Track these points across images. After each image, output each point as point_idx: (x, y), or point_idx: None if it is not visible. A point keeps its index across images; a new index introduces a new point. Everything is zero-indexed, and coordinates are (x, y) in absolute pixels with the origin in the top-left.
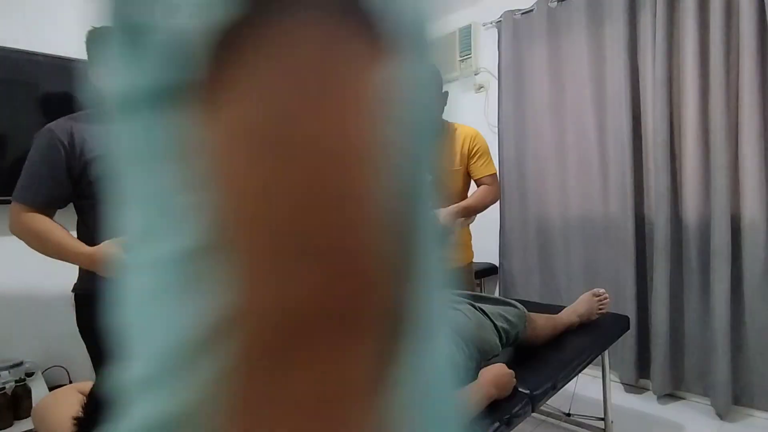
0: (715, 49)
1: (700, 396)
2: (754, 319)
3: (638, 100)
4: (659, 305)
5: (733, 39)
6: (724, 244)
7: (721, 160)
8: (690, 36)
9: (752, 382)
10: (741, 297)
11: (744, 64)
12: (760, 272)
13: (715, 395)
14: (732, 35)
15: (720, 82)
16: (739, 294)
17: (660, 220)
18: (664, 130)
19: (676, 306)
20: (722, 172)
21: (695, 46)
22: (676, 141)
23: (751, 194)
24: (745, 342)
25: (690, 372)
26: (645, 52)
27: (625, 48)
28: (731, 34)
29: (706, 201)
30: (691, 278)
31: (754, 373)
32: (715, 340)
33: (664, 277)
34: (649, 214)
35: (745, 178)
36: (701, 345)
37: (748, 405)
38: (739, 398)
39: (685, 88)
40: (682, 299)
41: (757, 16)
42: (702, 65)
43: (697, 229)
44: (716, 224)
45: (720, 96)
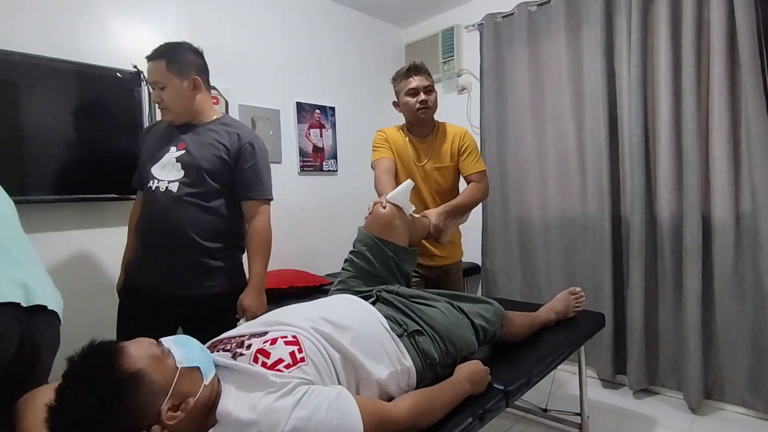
0: (686, 54)
1: (673, 390)
2: (724, 315)
3: (615, 103)
4: (635, 303)
5: (704, 44)
6: (695, 243)
7: (692, 161)
8: (663, 40)
9: (722, 377)
10: (712, 294)
11: (714, 68)
12: (729, 270)
13: (688, 390)
14: (703, 40)
15: (691, 85)
16: (709, 291)
17: (635, 220)
18: (639, 132)
19: (651, 303)
20: (694, 173)
21: (668, 50)
22: (651, 143)
23: (721, 194)
24: (715, 338)
25: (664, 367)
26: (621, 55)
27: (602, 51)
28: (702, 40)
29: (678, 201)
30: (665, 276)
31: (724, 368)
32: (687, 336)
33: (640, 276)
34: (625, 214)
35: (716, 178)
36: (674, 341)
37: (718, 399)
38: (710, 392)
39: (659, 91)
40: (657, 297)
41: (726, 22)
42: (674, 69)
43: (671, 228)
44: (688, 224)
45: (691, 99)
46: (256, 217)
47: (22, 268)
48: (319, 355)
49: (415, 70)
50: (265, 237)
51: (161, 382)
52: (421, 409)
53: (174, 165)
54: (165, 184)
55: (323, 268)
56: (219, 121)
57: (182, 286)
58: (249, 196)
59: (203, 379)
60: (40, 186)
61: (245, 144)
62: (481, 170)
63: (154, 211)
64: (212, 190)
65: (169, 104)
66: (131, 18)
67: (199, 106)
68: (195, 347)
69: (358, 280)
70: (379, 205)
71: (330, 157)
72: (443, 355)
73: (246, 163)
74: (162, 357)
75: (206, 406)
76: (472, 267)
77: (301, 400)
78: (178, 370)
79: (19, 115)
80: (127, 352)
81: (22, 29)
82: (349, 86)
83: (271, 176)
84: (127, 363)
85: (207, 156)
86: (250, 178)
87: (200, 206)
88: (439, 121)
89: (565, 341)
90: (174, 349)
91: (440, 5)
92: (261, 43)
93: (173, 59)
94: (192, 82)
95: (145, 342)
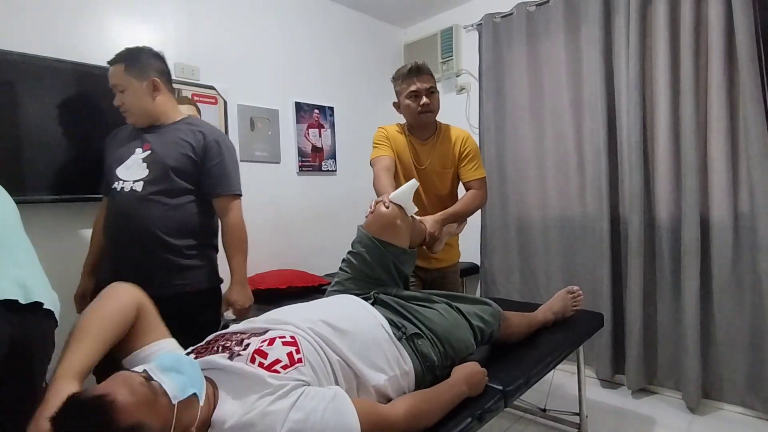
0: (685, 54)
1: (672, 390)
2: (723, 315)
3: (613, 103)
4: (633, 302)
5: (702, 44)
6: (694, 243)
7: (691, 161)
8: (661, 41)
9: (721, 376)
10: (710, 294)
11: (712, 68)
12: (727, 270)
13: (686, 389)
14: (701, 40)
15: (690, 85)
16: (708, 291)
17: (634, 219)
18: (637, 131)
19: (650, 303)
20: (692, 173)
21: (666, 50)
22: (649, 142)
23: (719, 194)
24: (714, 338)
25: (662, 367)
26: (619, 56)
27: (600, 52)
28: (700, 40)
29: (677, 201)
30: (663, 276)
31: (722, 368)
32: (686, 335)
33: (638, 275)
34: (624, 214)
35: (714, 178)
36: (673, 341)
37: (717, 398)
38: (708, 392)
39: (657, 91)
40: (656, 296)
41: (725, 23)
42: (673, 69)
43: (669, 228)
44: (686, 224)
45: (690, 99)
46: (228, 214)
47: (22, 268)
48: (316, 356)
49: (417, 72)
50: (239, 232)
51: (160, 425)
52: (418, 411)
53: (139, 165)
54: (129, 184)
55: (322, 268)
56: (184, 121)
57: (153, 286)
58: (218, 193)
59: (200, 402)
60: (39, 186)
61: (211, 141)
62: (481, 178)
63: (119, 212)
64: (178, 188)
65: (130, 107)
66: (130, 18)
67: (161, 108)
68: (184, 367)
69: (355, 282)
70: (382, 204)
71: (329, 157)
72: (442, 358)
73: (212, 161)
74: (155, 398)
75: (206, 420)
76: (471, 267)
77: (296, 402)
78: (175, 407)
79: (18, 115)
80: (119, 406)
81: (21, 29)
82: (349, 86)
83: (238, 172)
84: (123, 418)
85: (173, 154)
86: (217, 175)
87: (166, 204)
88: (441, 122)
89: (563, 341)
90: (165, 381)
91: (439, 5)
92: (260, 43)
93: (132, 62)
94: (151, 83)
95: (135, 383)
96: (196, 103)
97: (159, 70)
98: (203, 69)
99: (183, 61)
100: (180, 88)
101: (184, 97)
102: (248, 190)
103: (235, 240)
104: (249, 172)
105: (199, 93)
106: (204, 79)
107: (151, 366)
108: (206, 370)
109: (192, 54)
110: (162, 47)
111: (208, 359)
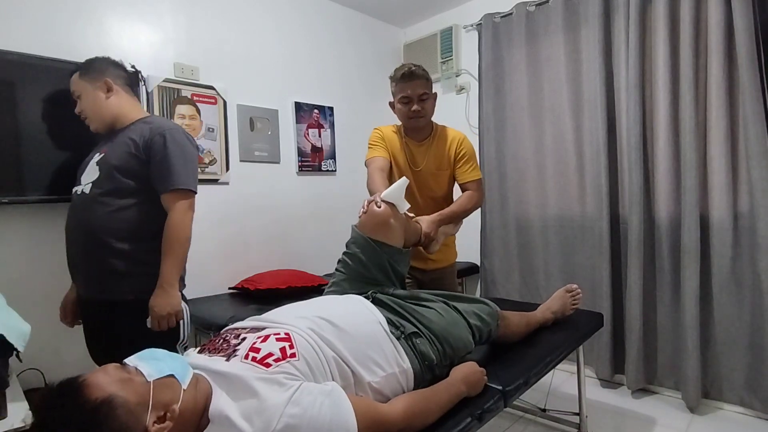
0: (684, 54)
1: (671, 390)
2: (722, 315)
3: (613, 103)
4: (633, 302)
5: (701, 44)
6: (693, 242)
7: (690, 161)
8: (661, 41)
9: (721, 376)
10: (710, 294)
11: (712, 68)
12: (727, 270)
13: (686, 389)
14: (701, 40)
15: (689, 85)
16: (708, 291)
17: (634, 219)
18: (637, 131)
19: (649, 303)
20: (692, 173)
21: (666, 50)
22: (649, 142)
23: (719, 194)
24: (713, 337)
25: (662, 367)
26: (619, 55)
27: (600, 51)
28: (700, 39)
29: (676, 201)
30: (663, 276)
31: (722, 367)
32: (686, 335)
33: (638, 275)
34: (623, 214)
35: (713, 178)
36: (673, 341)
37: (716, 398)
38: (708, 392)
39: (657, 91)
40: (655, 296)
41: (724, 23)
42: (672, 69)
43: (669, 228)
44: (686, 223)
45: (689, 99)
46: (169, 213)
47: None
48: (312, 353)
49: (410, 78)
50: (176, 231)
51: (137, 400)
52: (416, 410)
53: (93, 168)
54: (81, 187)
55: (321, 268)
56: (141, 120)
57: (101, 290)
58: (160, 190)
59: (181, 384)
60: (38, 186)
61: (155, 136)
62: (476, 179)
63: (71, 215)
64: (125, 188)
65: (87, 112)
66: (129, 18)
67: (116, 109)
68: (163, 357)
69: (351, 283)
70: (374, 203)
71: (328, 157)
72: (441, 356)
73: (155, 156)
74: (130, 377)
75: (196, 408)
76: (471, 267)
77: (293, 396)
78: (151, 383)
79: (17, 115)
80: (90, 383)
81: (20, 29)
82: (348, 86)
83: (189, 167)
84: (94, 393)
85: (117, 153)
86: (160, 171)
87: (110, 205)
88: (437, 123)
89: (563, 341)
90: (141, 366)
91: (439, 5)
92: (259, 43)
93: (87, 69)
94: (104, 83)
95: (110, 367)
96: (195, 103)
97: (114, 74)
98: (203, 69)
99: (182, 61)
100: (180, 88)
101: (184, 97)
102: (248, 190)
103: (168, 239)
104: (248, 172)
105: (199, 93)
106: (203, 79)
107: (129, 358)
108: (200, 370)
109: (191, 54)
110: (161, 47)
111: (201, 365)
